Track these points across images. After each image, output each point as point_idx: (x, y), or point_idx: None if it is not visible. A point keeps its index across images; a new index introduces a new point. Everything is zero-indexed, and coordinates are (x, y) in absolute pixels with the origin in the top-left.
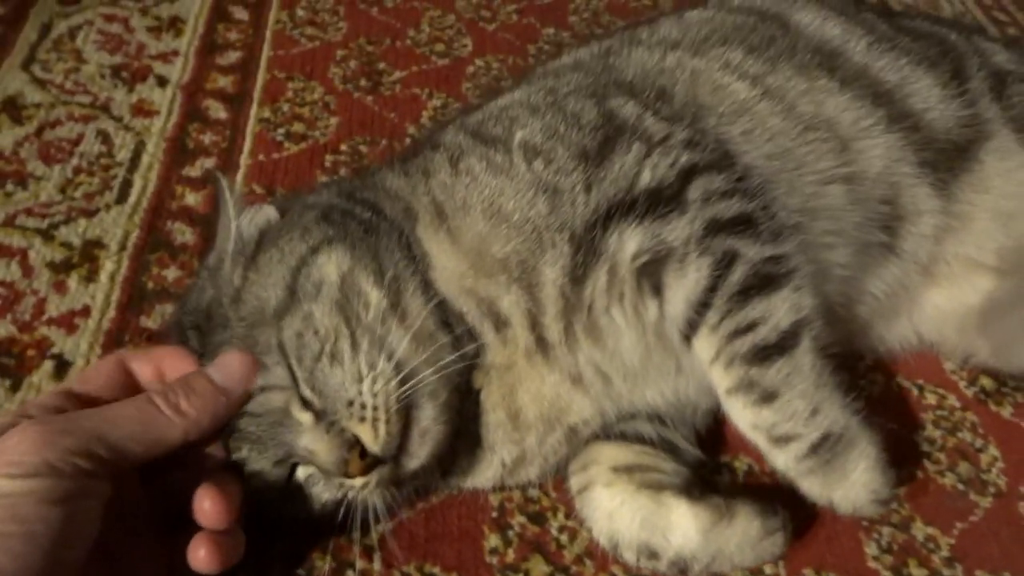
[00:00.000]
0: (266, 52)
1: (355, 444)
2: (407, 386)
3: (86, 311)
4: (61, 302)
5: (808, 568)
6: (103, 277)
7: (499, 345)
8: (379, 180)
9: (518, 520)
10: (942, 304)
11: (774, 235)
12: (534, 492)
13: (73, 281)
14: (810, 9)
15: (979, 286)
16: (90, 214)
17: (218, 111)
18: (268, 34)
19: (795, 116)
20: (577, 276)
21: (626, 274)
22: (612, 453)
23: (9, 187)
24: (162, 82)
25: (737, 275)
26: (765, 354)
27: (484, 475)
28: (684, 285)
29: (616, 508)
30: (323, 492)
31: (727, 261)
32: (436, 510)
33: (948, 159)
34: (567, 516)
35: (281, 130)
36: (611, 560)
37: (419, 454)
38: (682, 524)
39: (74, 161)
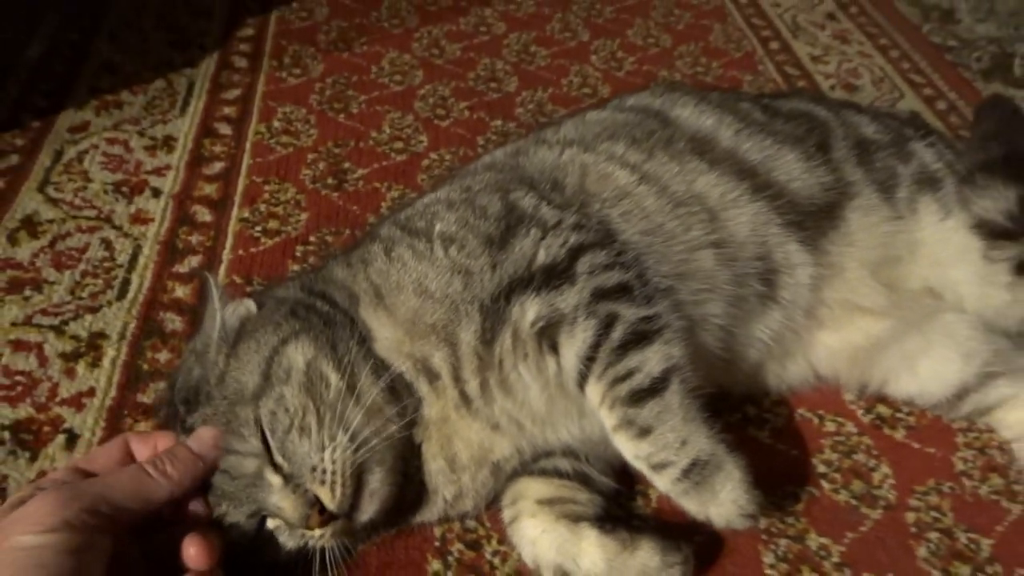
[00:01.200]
0: (246, 161)
1: (316, 503)
2: (360, 454)
3: (92, 392)
4: (71, 385)
5: None
6: (106, 363)
7: (433, 398)
8: (328, 272)
9: (457, 547)
10: (832, 344)
11: (647, 298)
12: (471, 523)
13: (81, 367)
14: (688, 105)
15: (862, 326)
16: (95, 310)
17: (204, 215)
18: (248, 145)
19: (668, 195)
20: (487, 339)
21: (527, 337)
22: (536, 488)
23: (27, 292)
24: (156, 193)
25: (617, 333)
26: (640, 396)
27: (431, 512)
28: (574, 344)
29: (538, 536)
30: (288, 540)
31: (609, 322)
32: (386, 541)
33: (814, 219)
34: (500, 542)
35: (258, 227)
36: None
37: (368, 510)
38: (590, 552)
39: (82, 266)
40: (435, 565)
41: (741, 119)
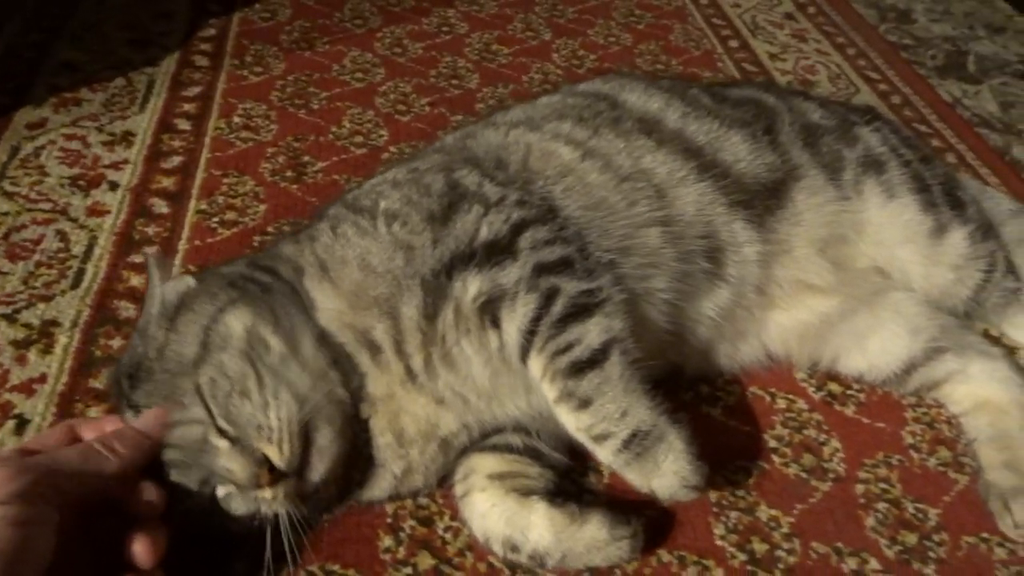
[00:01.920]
0: (205, 155)
1: (264, 461)
2: (305, 411)
3: (43, 378)
4: (22, 372)
5: (662, 550)
6: (58, 350)
7: (377, 373)
8: (276, 249)
9: (409, 523)
10: (783, 323)
11: (588, 272)
12: (424, 500)
13: (32, 354)
14: (636, 89)
15: (811, 304)
16: (48, 299)
17: (161, 207)
18: (207, 140)
19: (612, 170)
20: (429, 314)
21: (469, 312)
22: (487, 463)
23: None
24: (114, 186)
25: (558, 307)
26: (580, 368)
27: (380, 488)
28: (515, 318)
29: (488, 510)
30: (240, 506)
31: (550, 296)
32: (338, 519)
33: (760, 198)
34: (452, 518)
35: (216, 219)
36: (487, 552)
37: (318, 468)
38: (539, 524)
39: (36, 257)
40: (387, 541)
41: (689, 103)
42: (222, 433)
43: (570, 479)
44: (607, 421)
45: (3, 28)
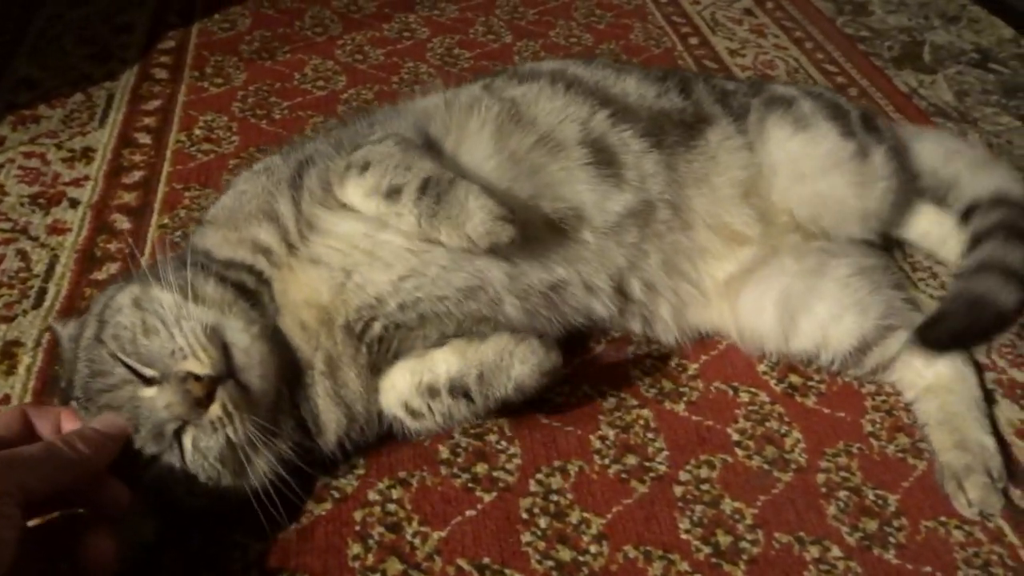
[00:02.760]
0: (166, 168)
1: (190, 377)
2: (210, 324)
3: (7, 399)
4: None
5: (628, 545)
6: (21, 370)
7: (275, 272)
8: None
9: (377, 530)
10: (718, 276)
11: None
12: (392, 506)
13: None
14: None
15: (742, 256)
16: (9, 320)
17: (123, 223)
18: (168, 153)
19: (450, 96)
20: (296, 202)
21: (315, 187)
22: (394, 365)
23: None
24: (74, 204)
25: (360, 150)
26: (357, 147)
27: (321, 397)
28: (336, 168)
29: (395, 380)
30: (209, 441)
31: (351, 149)
32: (306, 529)
33: (659, 125)
34: (420, 523)
35: (178, 232)
36: (458, 553)
37: (251, 367)
38: (443, 356)
39: None
40: (355, 548)
41: (579, 62)
42: (146, 380)
43: None
44: (393, 173)
45: None
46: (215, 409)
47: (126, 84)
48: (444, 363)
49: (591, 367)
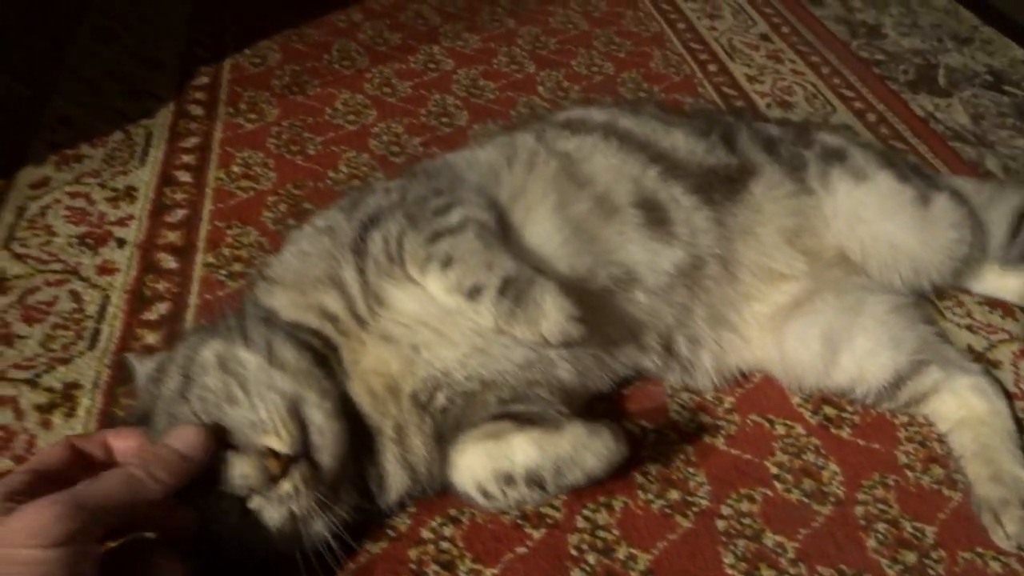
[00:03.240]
0: (207, 207)
1: (269, 453)
2: (291, 400)
3: None
4: (48, 436)
5: None
6: (81, 412)
7: (343, 340)
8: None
9: (432, 568)
10: (761, 311)
11: (452, 192)
12: (445, 544)
13: (57, 418)
14: (564, 111)
15: (785, 289)
16: (67, 361)
17: (169, 262)
18: (209, 191)
19: (504, 147)
20: (361, 270)
21: (379, 255)
22: (464, 437)
23: (0, 347)
24: (121, 243)
25: (422, 218)
26: (438, 236)
27: (389, 462)
28: (392, 237)
29: (471, 461)
30: (272, 514)
31: (416, 213)
32: (363, 568)
33: (706, 179)
34: (473, 561)
35: (223, 271)
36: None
37: (325, 446)
38: (519, 445)
39: (52, 319)
40: None
41: (626, 109)
42: (225, 445)
43: None
44: (475, 272)
45: None
46: (286, 486)
47: (163, 121)
48: (522, 453)
49: (631, 402)
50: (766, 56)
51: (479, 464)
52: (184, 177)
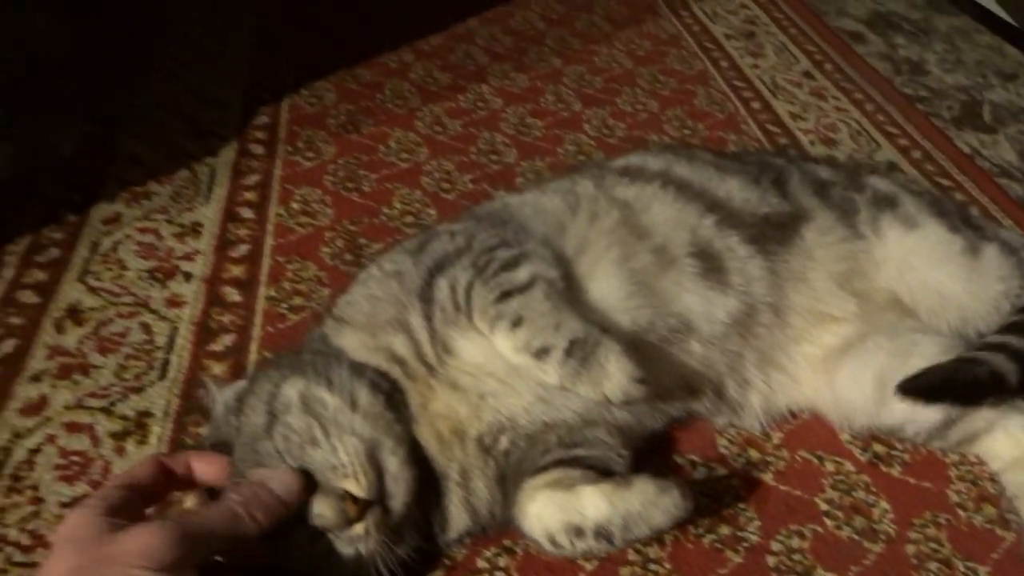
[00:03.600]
0: (269, 242)
1: (346, 496)
2: (369, 445)
3: None
4: (122, 462)
5: None
6: (153, 439)
7: (410, 384)
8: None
9: None
10: (811, 352)
11: (520, 243)
12: (499, 574)
13: (130, 445)
14: (621, 157)
15: (836, 331)
16: (139, 391)
17: (233, 295)
18: (270, 227)
19: (566, 193)
20: (428, 317)
21: (445, 303)
22: (533, 482)
23: (76, 377)
24: (188, 277)
25: (489, 269)
26: (507, 295)
27: (454, 504)
28: (460, 288)
29: (540, 510)
30: (342, 550)
31: (485, 264)
32: None
33: (760, 228)
34: None
35: (284, 304)
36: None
37: (398, 494)
38: (590, 499)
39: (124, 350)
40: None
41: (680, 155)
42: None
43: None
44: (544, 333)
45: (69, 128)
46: (359, 528)
47: (226, 160)
48: (593, 507)
49: (680, 436)
50: (809, 93)
51: (548, 514)
52: (246, 213)
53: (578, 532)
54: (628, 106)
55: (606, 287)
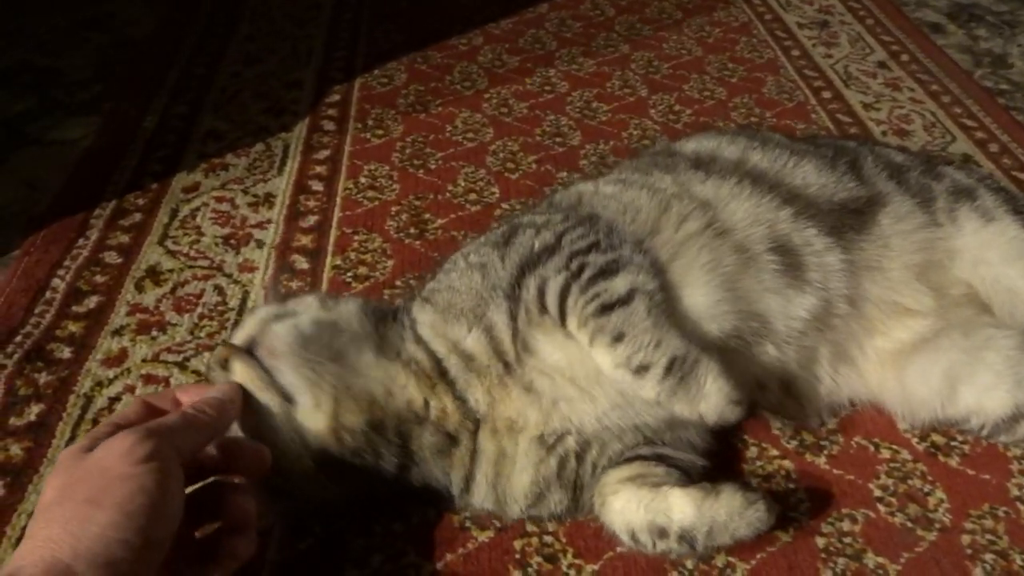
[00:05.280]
0: (337, 214)
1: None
2: None
3: None
4: None
5: None
6: None
7: (473, 379)
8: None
9: (535, 560)
10: (883, 346)
11: (614, 248)
12: (548, 538)
13: None
14: (693, 139)
15: (910, 325)
16: (211, 348)
17: (302, 263)
18: (338, 200)
19: (650, 188)
20: (513, 316)
21: (531, 305)
22: (615, 474)
23: (154, 333)
24: (260, 244)
25: (586, 274)
26: (607, 308)
27: (479, 481)
28: (552, 292)
29: (625, 505)
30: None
31: (579, 269)
32: (472, 555)
33: (837, 216)
34: (575, 556)
35: (349, 274)
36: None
37: None
38: (679, 502)
39: (199, 310)
40: (516, 575)
41: (755, 139)
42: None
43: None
44: (644, 351)
45: (152, 103)
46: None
47: (299, 135)
48: (680, 512)
49: None
50: (884, 84)
51: (633, 511)
52: (316, 186)
53: (662, 533)
54: (695, 93)
55: (699, 295)
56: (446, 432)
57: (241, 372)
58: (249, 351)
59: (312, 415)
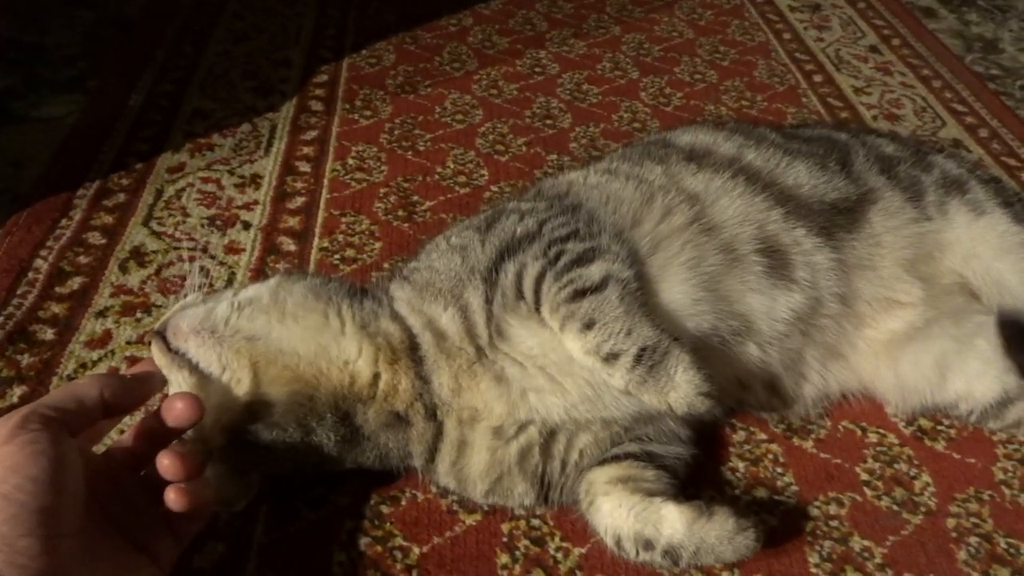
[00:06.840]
0: (324, 195)
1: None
2: None
3: None
4: None
5: (758, 575)
6: None
7: (439, 356)
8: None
9: (523, 543)
10: (874, 336)
11: (592, 236)
12: (536, 521)
13: None
14: (689, 131)
15: (900, 315)
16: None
17: (289, 245)
18: (326, 181)
19: (640, 180)
20: (488, 300)
21: (508, 291)
22: (604, 472)
23: (138, 314)
24: (246, 226)
25: (562, 261)
26: (580, 294)
27: (442, 459)
28: (529, 277)
29: (615, 508)
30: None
31: (556, 256)
32: (460, 537)
33: (827, 215)
34: (562, 539)
35: (337, 256)
36: (597, 569)
37: None
38: (671, 518)
39: (184, 292)
40: (504, 558)
41: (751, 137)
42: None
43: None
44: (614, 338)
45: (139, 80)
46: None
47: (286, 115)
48: (670, 528)
49: None
50: (875, 68)
51: (623, 517)
52: (304, 167)
53: (648, 545)
54: (686, 75)
55: (677, 292)
56: (394, 411)
57: (153, 351)
58: (160, 333)
59: (225, 389)
